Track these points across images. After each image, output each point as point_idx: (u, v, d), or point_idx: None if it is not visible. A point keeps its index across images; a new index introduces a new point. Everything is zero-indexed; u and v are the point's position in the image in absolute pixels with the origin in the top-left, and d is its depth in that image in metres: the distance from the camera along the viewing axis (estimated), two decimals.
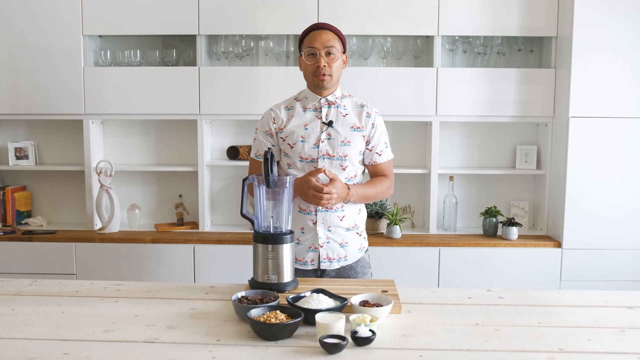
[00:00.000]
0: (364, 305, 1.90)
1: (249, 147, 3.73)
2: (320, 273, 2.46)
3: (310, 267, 2.44)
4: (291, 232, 2.16)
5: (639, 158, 3.45)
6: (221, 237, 3.55)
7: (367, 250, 2.57)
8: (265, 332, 1.69)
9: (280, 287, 2.10)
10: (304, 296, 1.93)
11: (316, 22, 2.44)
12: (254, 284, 2.14)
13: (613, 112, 3.42)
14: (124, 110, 3.62)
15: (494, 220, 3.63)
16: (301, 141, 2.36)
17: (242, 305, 1.84)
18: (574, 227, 3.47)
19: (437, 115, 3.59)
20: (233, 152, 3.74)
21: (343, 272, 2.47)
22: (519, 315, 1.96)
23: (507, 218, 3.63)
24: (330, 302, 1.89)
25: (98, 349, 1.65)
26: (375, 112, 2.45)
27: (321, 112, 2.40)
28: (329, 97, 2.40)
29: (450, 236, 3.64)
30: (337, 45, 2.34)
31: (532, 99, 3.60)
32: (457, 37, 3.70)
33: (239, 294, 1.94)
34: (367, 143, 2.43)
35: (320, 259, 2.43)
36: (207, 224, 3.77)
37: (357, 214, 2.48)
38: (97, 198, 3.67)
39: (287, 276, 2.13)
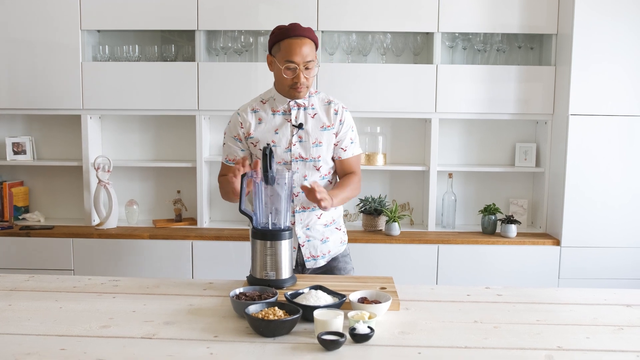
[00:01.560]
0: (363, 302, 1.89)
1: None
2: (301, 269, 2.46)
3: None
4: (289, 228, 2.15)
5: (639, 156, 3.45)
6: (219, 234, 3.54)
7: (346, 242, 2.58)
8: (263, 329, 1.69)
9: (278, 284, 2.10)
10: (302, 293, 1.93)
11: (292, 22, 2.31)
12: (252, 280, 2.13)
13: (613, 110, 3.42)
14: (122, 105, 3.61)
15: (493, 217, 3.62)
16: (273, 146, 2.33)
17: (240, 302, 1.84)
18: (573, 225, 3.47)
19: (437, 112, 3.58)
20: None
21: (325, 268, 2.48)
22: (518, 313, 1.95)
23: (505, 216, 3.63)
24: (329, 299, 1.88)
25: (95, 344, 1.65)
26: (342, 108, 2.42)
27: (290, 114, 2.36)
28: (298, 100, 2.36)
29: (449, 233, 3.64)
30: (314, 53, 2.28)
31: (531, 96, 3.59)
32: (457, 34, 3.69)
33: (237, 291, 1.94)
34: (335, 137, 2.41)
35: (305, 259, 2.43)
36: (205, 220, 3.76)
37: (334, 210, 2.48)
38: (95, 194, 3.66)
39: (286, 273, 2.12)
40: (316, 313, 1.71)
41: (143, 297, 2.06)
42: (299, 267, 2.46)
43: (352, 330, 1.67)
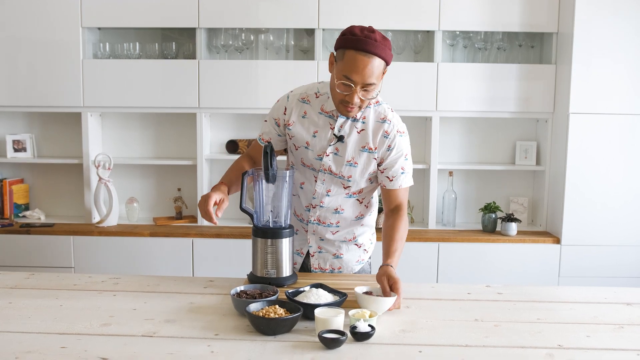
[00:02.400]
0: (369, 294, 1.88)
1: (249, 141, 3.72)
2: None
3: (295, 270, 2.26)
4: (290, 226, 2.15)
5: (639, 155, 3.44)
6: (220, 231, 3.54)
7: (368, 261, 2.40)
8: (264, 327, 1.69)
9: (279, 282, 2.10)
10: (303, 291, 1.92)
11: (360, 26, 1.95)
12: (252, 278, 2.13)
13: (613, 108, 3.41)
14: (122, 103, 3.61)
15: (493, 216, 3.63)
16: (305, 147, 2.14)
17: (241, 300, 1.84)
18: (573, 224, 3.47)
19: (437, 110, 3.58)
20: (232, 146, 3.73)
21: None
22: (518, 311, 1.95)
23: (506, 214, 3.63)
24: (330, 297, 1.88)
25: (96, 342, 1.65)
26: (396, 132, 2.10)
27: (336, 120, 2.10)
28: None
29: (449, 231, 3.64)
30: (380, 73, 1.95)
31: (532, 95, 3.59)
32: (457, 32, 3.68)
33: (238, 289, 1.94)
34: (380, 164, 2.15)
35: (312, 269, 2.32)
36: None
37: (359, 227, 2.28)
38: (95, 191, 3.66)
39: (286, 271, 2.12)
40: (317, 311, 1.71)
41: (144, 295, 2.06)
42: (302, 271, 2.37)
43: (353, 329, 1.67)
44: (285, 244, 2.11)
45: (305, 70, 3.55)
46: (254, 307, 1.77)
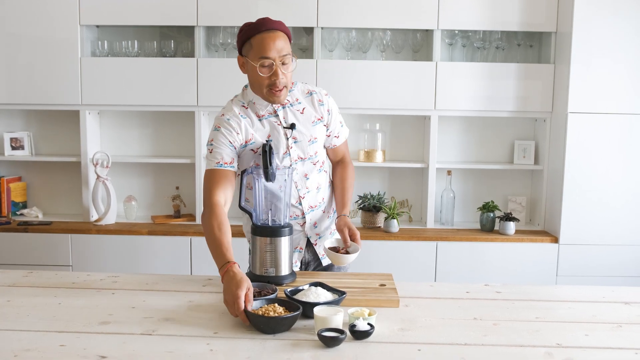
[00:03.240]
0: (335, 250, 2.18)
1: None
2: (304, 268, 2.40)
3: (295, 268, 2.28)
4: (289, 225, 2.15)
5: (637, 154, 3.45)
6: None
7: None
8: (264, 326, 1.69)
9: (278, 280, 2.10)
10: (302, 289, 1.92)
11: (261, 17, 2.12)
12: (251, 276, 2.13)
13: (612, 108, 3.42)
14: (121, 101, 3.61)
15: (491, 215, 3.63)
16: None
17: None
18: (571, 223, 3.48)
19: (436, 109, 3.58)
20: None
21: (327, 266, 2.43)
22: (517, 310, 1.96)
23: (504, 213, 3.64)
24: (329, 296, 1.88)
25: (95, 341, 1.65)
26: (325, 96, 2.26)
27: (278, 116, 2.20)
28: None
29: (448, 230, 3.64)
30: (288, 47, 2.09)
31: (530, 94, 3.59)
32: (456, 32, 3.69)
33: None
34: (327, 128, 2.30)
35: (320, 256, 2.40)
36: None
37: (329, 198, 2.41)
38: (93, 189, 3.65)
39: (285, 269, 2.12)
40: (316, 310, 1.71)
41: (142, 294, 2.06)
42: (303, 266, 2.40)
43: (352, 327, 1.67)
44: (284, 242, 2.11)
45: (303, 68, 3.54)
46: (253, 305, 1.77)
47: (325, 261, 2.40)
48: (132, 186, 3.92)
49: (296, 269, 2.34)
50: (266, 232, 2.10)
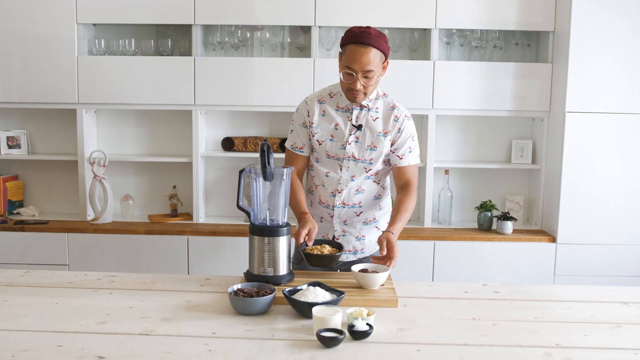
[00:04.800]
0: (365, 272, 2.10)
1: (244, 139, 3.70)
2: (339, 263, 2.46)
3: None
4: (287, 224, 2.15)
5: (635, 154, 3.45)
6: (215, 229, 3.53)
7: None
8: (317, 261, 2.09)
9: (275, 280, 2.10)
10: (301, 289, 1.92)
11: (358, 26, 2.25)
12: (249, 276, 2.13)
13: (609, 107, 3.42)
14: (118, 100, 3.59)
15: (489, 214, 3.63)
16: (330, 140, 2.37)
17: (238, 298, 1.84)
18: (569, 222, 3.48)
19: (434, 108, 3.58)
20: (228, 144, 3.72)
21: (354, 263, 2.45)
22: (515, 310, 1.96)
23: (502, 212, 3.64)
24: (327, 295, 1.88)
25: (92, 341, 1.64)
26: (404, 117, 2.40)
27: (352, 113, 2.37)
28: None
29: (445, 230, 3.64)
30: (378, 61, 2.23)
31: (528, 93, 3.59)
32: (454, 30, 3.68)
33: (235, 287, 1.93)
34: (392, 145, 2.40)
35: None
36: (201, 215, 3.75)
37: (378, 210, 2.50)
38: (90, 188, 3.64)
39: (283, 269, 2.12)
40: (315, 310, 1.71)
41: (140, 293, 2.06)
42: None
43: (350, 327, 1.67)
44: (282, 242, 2.10)
45: (301, 67, 3.54)
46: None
47: (346, 257, 2.48)
48: (129, 185, 3.91)
49: None
50: (264, 232, 2.09)
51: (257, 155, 3.68)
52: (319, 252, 2.21)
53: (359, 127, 2.35)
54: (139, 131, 3.88)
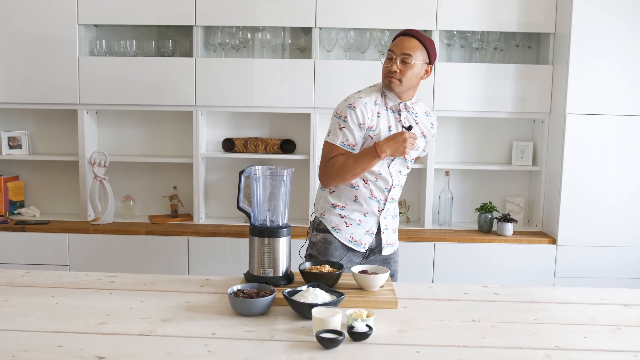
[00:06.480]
0: (365, 273, 2.09)
1: (245, 140, 3.70)
2: (367, 254, 2.52)
3: (362, 249, 2.50)
4: (287, 225, 2.15)
5: (635, 156, 3.45)
6: (216, 230, 3.53)
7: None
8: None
9: (275, 281, 2.10)
10: (300, 290, 1.92)
11: (407, 28, 2.47)
12: (249, 277, 2.13)
13: (610, 109, 3.42)
14: (119, 100, 3.60)
15: (489, 216, 3.63)
16: None
17: (238, 299, 1.84)
18: (569, 224, 3.48)
19: (434, 110, 3.58)
20: (229, 144, 3.72)
21: (388, 257, 2.58)
22: (515, 312, 1.96)
23: (502, 214, 3.63)
24: (327, 297, 1.88)
25: (92, 341, 1.64)
26: (435, 121, 2.60)
27: (400, 115, 2.46)
28: (407, 102, 2.46)
29: (446, 231, 3.64)
30: (419, 54, 2.36)
31: (529, 95, 3.59)
32: (454, 32, 3.68)
33: (235, 288, 1.94)
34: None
35: (383, 245, 2.52)
36: (201, 216, 3.75)
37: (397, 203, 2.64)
38: (90, 189, 3.64)
39: (283, 270, 2.12)
40: (314, 311, 1.71)
41: (140, 294, 2.06)
42: (367, 251, 2.52)
43: (350, 329, 1.67)
44: (282, 243, 2.11)
45: (302, 68, 3.54)
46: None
47: (387, 250, 2.55)
48: (129, 186, 3.91)
49: (364, 249, 2.50)
50: (264, 233, 2.09)
51: (258, 156, 3.68)
52: (318, 272, 2.12)
53: (409, 128, 2.42)
54: (140, 132, 3.88)
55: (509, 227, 3.55)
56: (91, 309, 1.90)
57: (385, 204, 2.49)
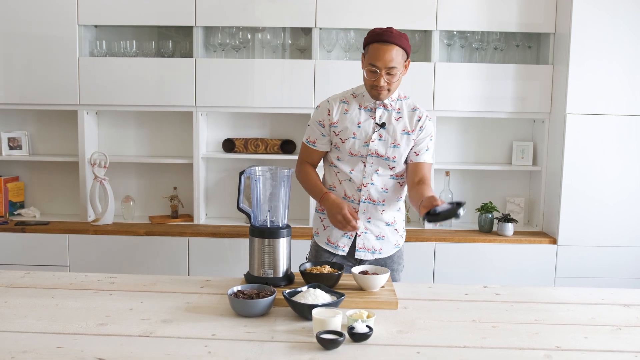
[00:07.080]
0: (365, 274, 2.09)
1: (245, 140, 3.70)
2: (356, 262, 2.48)
3: (340, 252, 2.47)
4: (287, 226, 2.15)
5: (636, 155, 3.45)
6: (216, 230, 3.53)
7: (402, 246, 2.62)
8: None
9: (275, 282, 2.09)
10: (301, 291, 1.92)
11: (380, 27, 2.33)
12: (249, 278, 2.13)
13: (610, 109, 3.42)
14: (119, 101, 3.60)
15: (490, 216, 3.63)
16: (352, 138, 2.39)
17: (239, 300, 1.83)
18: (570, 224, 3.47)
19: (434, 110, 3.58)
20: (229, 145, 3.72)
21: (376, 264, 2.49)
22: (516, 312, 1.95)
23: (502, 214, 3.63)
24: (327, 297, 1.88)
25: (92, 342, 1.64)
26: (426, 117, 2.46)
27: (375, 112, 2.41)
28: (385, 101, 2.42)
29: (446, 231, 3.64)
30: (400, 59, 2.31)
31: (529, 95, 3.59)
32: (455, 32, 3.68)
33: (235, 288, 1.93)
34: (413, 143, 2.46)
35: (357, 248, 2.46)
36: (201, 217, 3.75)
37: (397, 211, 2.52)
38: (91, 189, 3.64)
39: (283, 271, 2.12)
40: (314, 312, 1.71)
41: (140, 295, 2.05)
42: (352, 259, 2.49)
43: (350, 329, 1.66)
44: (283, 243, 2.10)
45: (302, 69, 3.54)
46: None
47: (363, 255, 2.48)
48: (129, 186, 3.91)
49: (343, 252, 2.47)
50: (264, 234, 2.09)
51: (258, 156, 3.68)
52: (318, 272, 2.13)
53: (383, 125, 2.39)
54: (140, 132, 3.88)
55: (510, 227, 3.55)
56: (91, 310, 1.89)
57: (360, 204, 2.42)
